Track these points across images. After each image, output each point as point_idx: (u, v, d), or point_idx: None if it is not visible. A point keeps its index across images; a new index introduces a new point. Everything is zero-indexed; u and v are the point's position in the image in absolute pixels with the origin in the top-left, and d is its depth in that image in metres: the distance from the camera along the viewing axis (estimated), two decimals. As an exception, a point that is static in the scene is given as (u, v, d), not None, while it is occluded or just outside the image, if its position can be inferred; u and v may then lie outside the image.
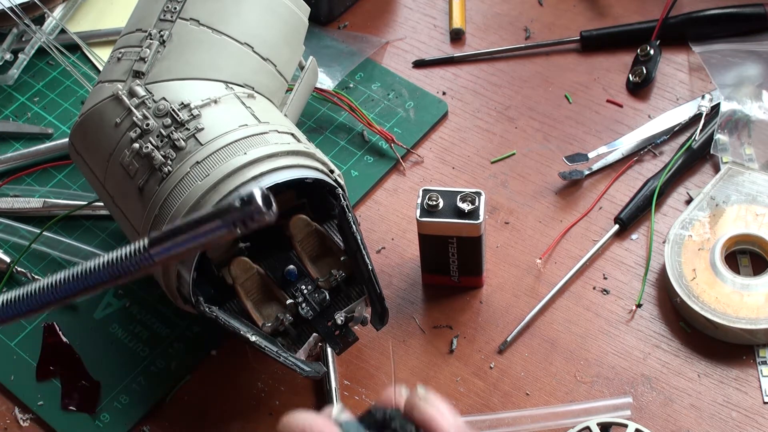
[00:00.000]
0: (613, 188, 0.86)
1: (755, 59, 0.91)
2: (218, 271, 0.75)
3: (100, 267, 0.44)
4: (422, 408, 0.48)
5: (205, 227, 0.42)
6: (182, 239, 0.43)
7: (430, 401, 0.48)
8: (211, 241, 0.42)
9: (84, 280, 0.44)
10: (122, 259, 0.43)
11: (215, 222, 0.42)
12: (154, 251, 0.43)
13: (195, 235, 0.42)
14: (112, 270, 0.44)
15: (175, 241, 0.43)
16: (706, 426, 0.74)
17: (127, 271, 0.44)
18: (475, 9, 0.99)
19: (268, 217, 0.41)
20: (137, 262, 0.43)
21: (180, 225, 0.42)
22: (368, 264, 0.73)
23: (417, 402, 0.48)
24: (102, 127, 0.74)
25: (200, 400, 0.78)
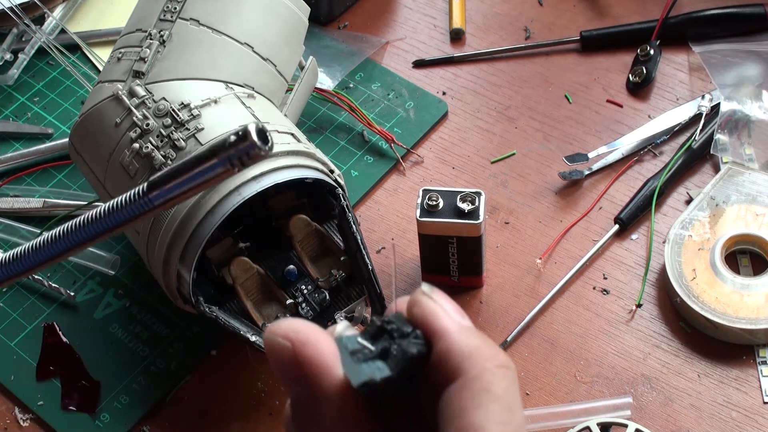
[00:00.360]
0: (613, 188, 0.86)
1: (755, 59, 0.91)
2: (218, 271, 0.75)
3: (100, 215, 0.43)
4: (423, 302, 0.42)
5: (202, 166, 0.41)
6: (180, 180, 0.42)
7: (434, 297, 0.42)
8: (209, 181, 0.42)
9: (85, 230, 0.44)
10: (121, 205, 0.43)
11: (211, 160, 0.41)
12: (153, 195, 0.43)
13: (192, 175, 0.42)
14: (112, 218, 0.43)
15: (173, 183, 0.42)
16: (706, 426, 0.74)
17: (127, 217, 0.43)
18: (475, 9, 0.99)
19: (264, 152, 0.40)
20: (137, 208, 0.43)
21: (177, 166, 0.42)
22: (368, 264, 0.73)
23: (418, 297, 0.42)
24: (102, 127, 0.74)
25: (200, 400, 0.78)
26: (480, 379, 0.39)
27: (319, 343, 0.41)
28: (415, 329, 0.42)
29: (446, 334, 0.41)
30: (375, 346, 0.41)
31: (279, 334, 0.41)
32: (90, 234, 0.44)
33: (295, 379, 0.41)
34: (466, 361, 0.40)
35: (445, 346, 0.40)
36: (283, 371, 0.41)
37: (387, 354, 0.41)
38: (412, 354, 0.41)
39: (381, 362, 0.41)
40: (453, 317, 0.41)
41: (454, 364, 0.40)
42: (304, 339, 0.41)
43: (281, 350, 0.41)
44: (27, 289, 0.84)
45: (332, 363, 0.41)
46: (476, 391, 0.39)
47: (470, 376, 0.39)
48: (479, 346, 0.40)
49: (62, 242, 0.44)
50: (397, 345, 0.41)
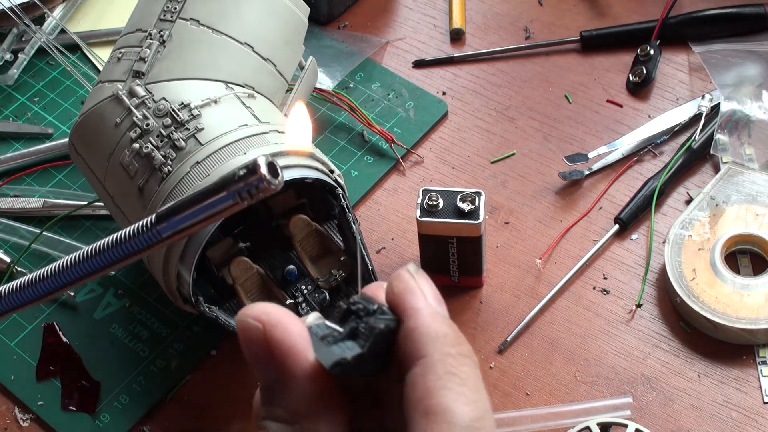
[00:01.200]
0: (613, 188, 0.86)
1: (755, 59, 0.91)
2: (218, 271, 0.75)
3: (106, 247, 0.43)
4: (405, 278, 0.41)
5: (211, 199, 0.41)
6: (188, 213, 0.42)
7: (416, 277, 0.42)
8: (218, 214, 0.41)
9: (90, 262, 0.44)
10: (129, 237, 0.43)
11: (220, 193, 0.41)
12: (161, 227, 0.42)
13: (201, 208, 0.41)
14: (119, 250, 0.43)
15: (181, 216, 0.42)
16: (706, 426, 0.74)
17: (134, 249, 0.43)
18: (475, 9, 0.99)
19: (274, 186, 0.40)
20: (145, 240, 0.43)
21: (185, 199, 0.42)
22: (368, 264, 0.73)
23: (402, 272, 0.42)
24: (102, 127, 0.74)
25: (200, 400, 0.78)
26: (443, 363, 0.39)
27: (290, 325, 0.41)
28: (380, 306, 0.42)
29: (416, 314, 0.41)
30: (343, 327, 0.42)
31: (251, 315, 0.42)
32: (96, 266, 0.44)
33: (265, 361, 0.42)
34: (430, 343, 0.40)
35: (413, 325, 0.41)
36: (254, 353, 0.42)
37: (356, 334, 0.42)
38: (380, 329, 0.41)
39: (351, 342, 0.41)
40: (428, 300, 0.41)
41: (418, 344, 0.40)
42: (275, 321, 0.41)
43: (252, 331, 0.42)
44: (27, 289, 0.84)
45: (301, 346, 0.41)
46: (441, 374, 0.39)
47: (434, 359, 0.40)
48: (446, 333, 0.40)
49: (68, 273, 0.44)
50: (365, 323, 0.41)
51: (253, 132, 0.71)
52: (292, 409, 0.41)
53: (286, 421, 0.41)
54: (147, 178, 0.71)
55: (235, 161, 0.69)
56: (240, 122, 0.72)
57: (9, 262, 0.84)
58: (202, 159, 0.70)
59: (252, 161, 0.39)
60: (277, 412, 0.42)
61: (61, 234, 0.86)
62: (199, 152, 0.70)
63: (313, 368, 0.41)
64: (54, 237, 0.86)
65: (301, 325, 0.42)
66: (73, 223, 0.87)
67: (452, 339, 0.40)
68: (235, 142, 0.70)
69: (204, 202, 0.41)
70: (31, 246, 0.85)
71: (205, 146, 0.70)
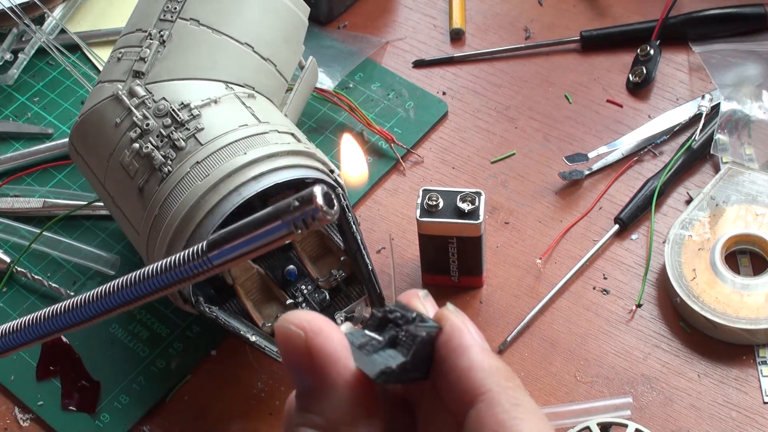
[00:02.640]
0: (613, 188, 0.86)
1: (755, 59, 0.91)
2: (218, 271, 0.75)
3: (154, 273, 0.43)
4: (451, 318, 0.42)
5: (264, 228, 0.41)
6: (241, 241, 0.41)
7: (459, 315, 0.43)
8: (271, 243, 0.41)
9: (137, 288, 0.43)
10: (178, 264, 0.42)
11: (275, 222, 0.40)
12: (212, 255, 0.42)
13: (254, 236, 0.41)
14: (167, 276, 0.42)
15: (233, 244, 0.41)
16: (706, 426, 0.74)
17: (184, 276, 0.42)
18: (475, 9, 0.99)
19: (330, 216, 0.39)
20: (195, 267, 0.42)
21: (238, 226, 0.41)
22: (368, 264, 0.73)
23: (445, 312, 0.43)
24: (102, 127, 0.74)
25: (200, 400, 0.78)
26: (507, 395, 0.40)
27: (331, 333, 0.42)
28: (419, 314, 0.42)
29: (469, 351, 0.41)
30: (382, 336, 0.42)
31: (293, 322, 0.41)
32: (140, 293, 0.43)
33: (305, 368, 0.41)
34: (488, 378, 0.41)
35: (468, 364, 0.41)
36: (294, 360, 0.42)
37: (395, 342, 0.42)
38: (422, 337, 0.41)
39: (392, 350, 0.41)
40: (475, 336, 0.42)
41: (477, 380, 0.41)
42: (317, 329, 0.41)
43: (294, 338, 0.41)
44: (27, 289, 0.84)
45: (342, 354, 0.41)
46: (508, 407, 0.40)
47: (496, 392, 0.40)
48: (500, 367, 0.41)
49: (111, 299, 0.44)
50: (404, 331, 0.42)
51: (253, 132, 0.71)
52: (331, 417, 0.41)
53: (322, 428, 0.41)
54: (147, 178, 0.71)
55: (235, 161, 0.69)
56: (240, 122, 0.72)
57: (9, 262, 0.84)
58: (202, 159, 0.70)
59: (308, 191, 0.39)
60: (314, 419, 0.42)
61: (61, 234, 0.86)
62: (199, 152, 0.70)
63: (353, 376, 0.41)
64: (54, 237, 0.86)
65: (341, 334, 0.42)
66: (73, 223, 0.87)
67: (505, 372, 0.41)
68: (235, 142, 0.70)
69: (257, 231, 0.41)
70: (31, 246, 0.85)
71: (205, 146, 0.70)
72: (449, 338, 0.42)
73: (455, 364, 0.41)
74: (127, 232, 0.76)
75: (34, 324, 0.45)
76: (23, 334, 0.45)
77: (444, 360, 0.41)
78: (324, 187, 0.39)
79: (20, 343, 0.45)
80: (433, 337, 0.42)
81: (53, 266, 0.85)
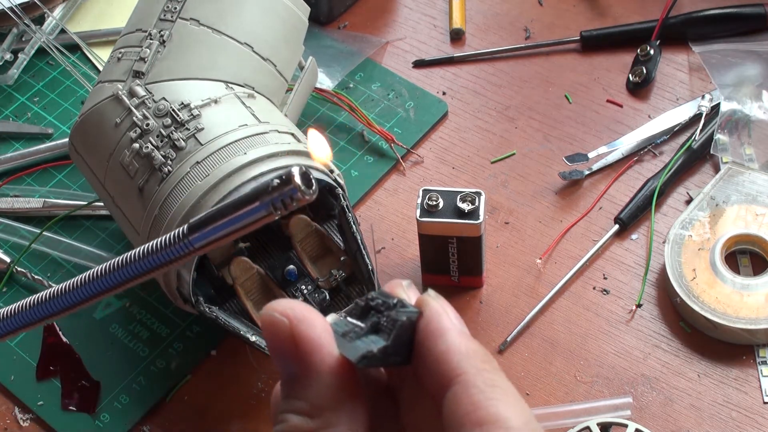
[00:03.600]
0: (613, 188, 0.86)
1: (755, 59, 0.91)
2: (218, 271, 0.75)
3: (136, 257, 0.43)
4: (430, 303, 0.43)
5: (244, 210, 0.41)
6: (221, 223, 0.42)
7: (439, 301, 0.43)
8: (251, 224, 0.41)
9: (120, 272, 0.43)
10: (160, 247, 0.42)
11: (254, 203, 0.41)
12: (193, 237, 0.42)
13: (234, 218, 0.41)
14: (149, 260, 0.43)
15: (214, 226, 0.42)
16: (706, 426, 0.74)
17: (166, 260, 0.43)
18: (475, 9, 0.99)
19: (309, 196, 0.40)
20: (177, 250, 0.42)
21: (218, 209, 0.42)
22: (368, 264, 0.73)
23: (426, 298, 0.43)
24: (102, 127, 0.74)
25: (200, 400, 0.78)
26: (482, 377, 0.41)
27: (315, 320, 0.43)
28: (400, 300, 0.43)
29: (446, 334, 0.42)
30: (365, 323, 0.43)
31: (277, 310, 0.43)
32: (123, 277, 0.43)
33: (290, 355, 0.42)
34: (465, 361, 0.41)
35: (445, 347, 0.42)
36: (279, 347, 0.43)
37: (377, 328, 0.42)
38: (403, 321, 0.42)
39: (374, 336, 0.42)
40: (453, 320, 0.43)
41: (453, 363, 0.41)
42: (301, 316, 0.42)
43: (278, 326, 0.42)
44: (27, 290, 0.84)
45: (326, 340, 0.42)
46: (483, 387, 0.40)
47: (472, 374, 0.41)
48: (476, 350, 0.42)
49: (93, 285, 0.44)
50: (386, 317, 0.42)
51: (253, 132, 0.71)
52: (315, 402, 0.42)
53: (307, 414, 0.42)
54: (147, 178, 0.71)
55: (235, 161, 0.69)
56: (240, 122, 0.72)
57: (9, 262, 0.84)
58: (202, 159, 0.70)
59: (286, 171, 0.39)
60: (299, 405, 0.42)
61: (61, 234, 0.86)
62: (199, 152, 0.70)
63: (337, 362, 0.42)
64: (54, 237, 0.86)
65: (325, 321, 0.43)
66: (73, 223, 0.87)
67: (482, 355, 0.42)
68: (235, 142, 0.70)
69: (237, 213, 0.41)
70: (31, 246, 0.85)
71: (205, 146, 0.70)
72: (428, 322, 0.42)
73: (433, 348, 0.42)
74: (127, 232, 0.76)
75: (20, 312, 0.45)
76: (8, 323, 0.45)
77: (422, 344, 0.42)
78: (302, 168, 0.39)
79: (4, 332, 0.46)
80: (414, 322, 0.42)
81: (53, 266, 0.85)
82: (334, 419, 0.42)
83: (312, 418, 0.42)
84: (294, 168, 0.39)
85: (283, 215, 0.40)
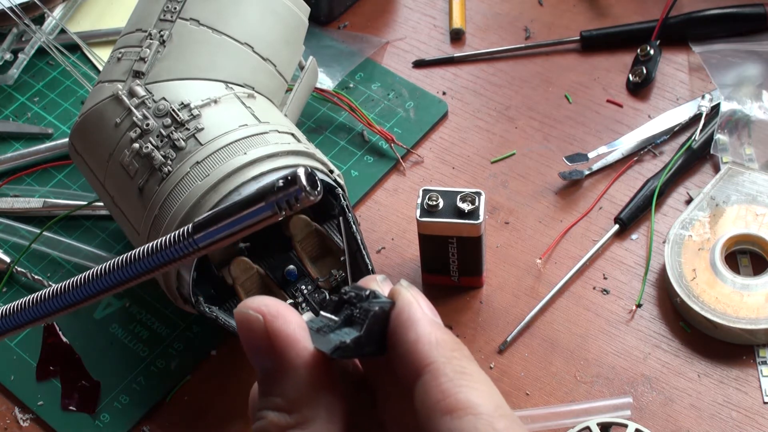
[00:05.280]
0: (613, 188, 0.86)
1: (755, 59, 0.91)
2: (218, 271, 0.75)
3: (140, 256, 0.43)
4: (401, 293, 0.43)
5: (249, 210, 0.41)
6: (226, 223, 0.42)
7: (411, 291, 0.43)
8: (255, 224, 0.41)
9: (123, 271, 0.43)
10: (164, 246, 0.42)
11: (259, 203, 0.41)
12: (198, 237, 0.42)
13: (238, 218, 0.42)
14: (153, 259, 0.43)
15: (218, 226, 0.42)
16: (706, 426, 0.74)
17: (169, 259, 0.43)
18: (475, 9, 0.99)
19: (314, 197, 0.40)
20: (181, 249, 0.42)
21: (223, 209, 0.42)
22: (368, 264, 0.73)
23: (398, 287, 0.43)
24: (102, 127, 0.74)
25: (200, 400, 0.78)
26: (451, 365, 0.41)
27: (289, 316, 0.43)
28: (372, 291, 0.43)
29: (416, 324, 0.42)
30: (338, 317, 0.43)
31: (251, 307, 0.43)
32: (127, 275, 0.43)
33: (265, 351, 0.43)
34: (434, 350, 0.41)
35: (414, 336, 0.42)
36: (254, 344, 0.43)
37: (351, 320, 0.43)
38: (375, 311, 0.42)
39: (348, 328, 0.42)
40: (424, 310, 0.43)
41: (422, 353, 0.41)
42: (276, 312, 0.43)
43: (252, 322, 0.43)
44: (27, 290, 0.84)
45: (300, 335, 0.43)
46: (452, 375, 0.40)
47: (441, 363, 0.41)
48: (446, 339, 0.42)
49: (97, 283, 0.44)
50: (359, 308, 0.43)
51: (253, 132, 0.71)
52: (291, 398, 0.42)
53: (284, 409, 0.42)
54: (147, 178, 0.71)
55: (235, 161, 0.69)
56: (240, 122, 0.72)
57: (9, 262, 0.84)
58: (202, 159, 0.70)
59: (291, 172, 0.39)
60: (276, 402, 0.43)
61: (61, 234, 0.86)
62: (199, 152, 0.70)
63: (312, 357, 0.42)
64: (54, 237, 0.86)
65: (299, 317, 0.43)
66: (73, 223, 0.87)
67: (452, 344, 0.42)
68: (235, 142, 0.70)
69: (242, 213, 0.41)
70: (31, 246, 0.85)
71: (205, 146, 0.70)
72: (399, 312, 0.42)
73: (404, 338, 0.42)
74: (127, 232, 0.76)
75: (23, 309, 0.45)
76: (9, 320, 0.45)
77: (394, 334, 0.42)
78: (308, 169, 0.40)
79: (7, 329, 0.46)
80: (387, 312, 0.42)
81: (53, 266, 0.85)
82: (311, 414, 0.42)
83: (290, 414, 0.42)
84: (300, 169, 0.39)
85: (287, 216, 0.40)
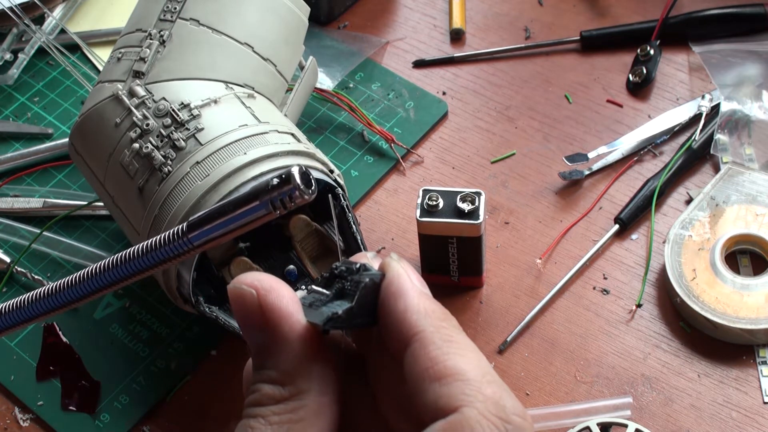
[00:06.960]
0: (613, 188, 0.86)
1: (755, 59, 0.91)
2: (218, 271, 0.75)
3: (136, 255, 0.43)
4: (392, 265, 0.44)
5: (243, 209, 0.41)
6: (220, 222, 0.42)
7: (401, 263, 0.44)
8: (250, 223, 0.42)
9: (119, 269, 0.43)
10: (159, 245, 0.43)
11: (253, 202, 0.41)
12: (192, 236, 0.42)
13: (233, 216, 0.42)
14: (148, 258, 0.43)
15: (213, 225, 0.42)
16: (706, 426, 0.74)
17: (165, 257, 0.43)
18: (475, 9, 0.99)
19: (308, 196, 0.40)
20: (175, 248, 0.43)
21: (217, 207, 0.42)
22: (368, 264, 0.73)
23: (387, 260, 0.44)
24: (102, 127, 0.74)
25: (200, 400, 0.78)
26: (439, 333, 0.42)
27: (282, 290, 0.44)
28: (363, 264, 0.44)
29: (405, 295, 0.43)
30: (330, 290, 0.44)
31: (245, 282, 0.44)
32: (122, 274, 0.43)
33: (258, 325, 0.43)
34: (422, 320, 0.42)
35: (403, 306, 0.43)
36: (247, 318, 0.44)
37: (343, 292, 0.44)
38: (365, 282, 0.43)
39: (339, 300, 0.43)
40: (414, 282, 0.44)
41: (411, 322, 0.42)
42: (268, 287, 0.43)
43: (246, 297, 0.43)
44: (27, 290, 0.84)
45: (293, 309, 0.43)
46: (440, 343, 0.41)
47: (429, 332, 0.42)
48: (434, 309, 0.43)
49: (93, 282, 0.44)
50: (349, 281, 0.44)
51: (253, 132, 0.71)
52: (285, 370, 0.43)
53: (278, 382, 0.43)
54: (147, 178, 0.71)
55: (235, 161, 0.69)
56: (240, 122, 0.72)
57: (9, 262, 0.84)
58: (202, 159, 0.70)
59: (285, 171, 0.40)
60: (270, 374, 0.43)
61: (61, 234, 0.86)
62: (199, 152, 0.70)
63: (305, 330, 0.43)
64: (54, 237, 0.86)
65: (292, 291, 0.44)
66: (73, 223, 0.87)
67: (440, 313, 0.43)
68: (235, 142, 0.70)
69: (236, 212, 0.42)
70: (31, 246, 0.85)
71: (205, 146, 0.70)
72: (389, 283, 0.43)
73: (393, 308, 0.43)
74: (127, 232, 0.76)
75: (21, 307, 0.45)
76: (8, 318, 0.45)
77: (384, 304, 0.43)
78: (302, 168, 0.40)
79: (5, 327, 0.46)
80: (378, 284, 0.43)
81: (53, 266, 0.85)
82: (305, 385, 0.43)
83: (283, 386, 0.43)
84: (294, 168, 0.40)
85: (282, 215, 0.41)
